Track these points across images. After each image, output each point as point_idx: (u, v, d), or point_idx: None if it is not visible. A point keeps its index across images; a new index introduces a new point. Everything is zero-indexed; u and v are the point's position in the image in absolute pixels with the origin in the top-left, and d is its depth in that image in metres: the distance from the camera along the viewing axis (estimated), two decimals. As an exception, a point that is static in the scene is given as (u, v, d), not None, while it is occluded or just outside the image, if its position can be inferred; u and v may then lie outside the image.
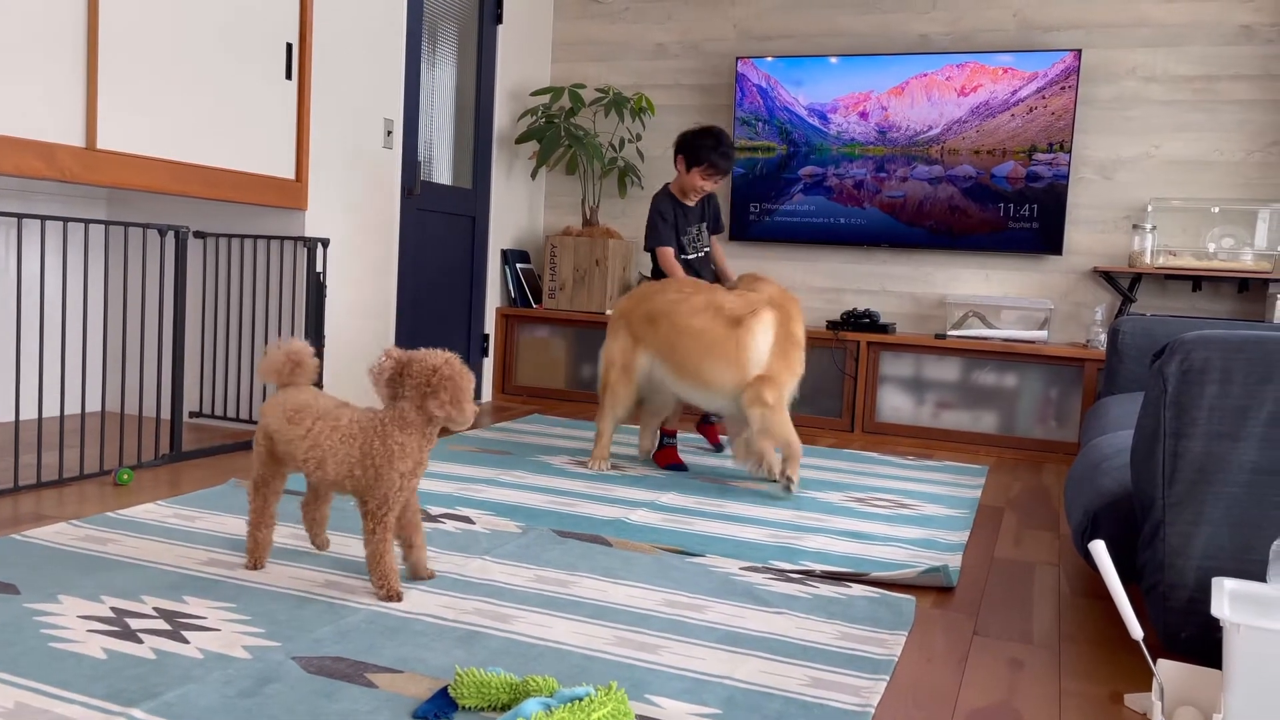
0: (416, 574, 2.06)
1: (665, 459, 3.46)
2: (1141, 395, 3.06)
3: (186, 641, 1.68)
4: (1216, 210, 4.16)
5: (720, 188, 3.68)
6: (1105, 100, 4.34)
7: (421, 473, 1.96)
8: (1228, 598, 1.48)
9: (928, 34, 4.59)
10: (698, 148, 3.46)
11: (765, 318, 3.20)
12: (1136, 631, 1.54)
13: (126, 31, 2.87)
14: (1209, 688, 1.55)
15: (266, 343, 3.64)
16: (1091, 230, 4.40)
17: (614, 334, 3.37)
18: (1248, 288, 4.18)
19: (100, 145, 2.82)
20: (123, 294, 3.06)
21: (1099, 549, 1.57)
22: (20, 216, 2.56)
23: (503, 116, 4.89)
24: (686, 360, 3.19)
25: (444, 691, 1.49)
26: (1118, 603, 1.54)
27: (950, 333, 4.33)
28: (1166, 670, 1.58)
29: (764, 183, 4.76)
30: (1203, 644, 1.74)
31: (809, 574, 2.25)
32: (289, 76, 3.48)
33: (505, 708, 1.47)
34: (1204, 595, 1.71)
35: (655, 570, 2.22)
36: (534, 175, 4.93)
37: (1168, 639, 1.77)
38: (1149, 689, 1.73)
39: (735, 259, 4.95)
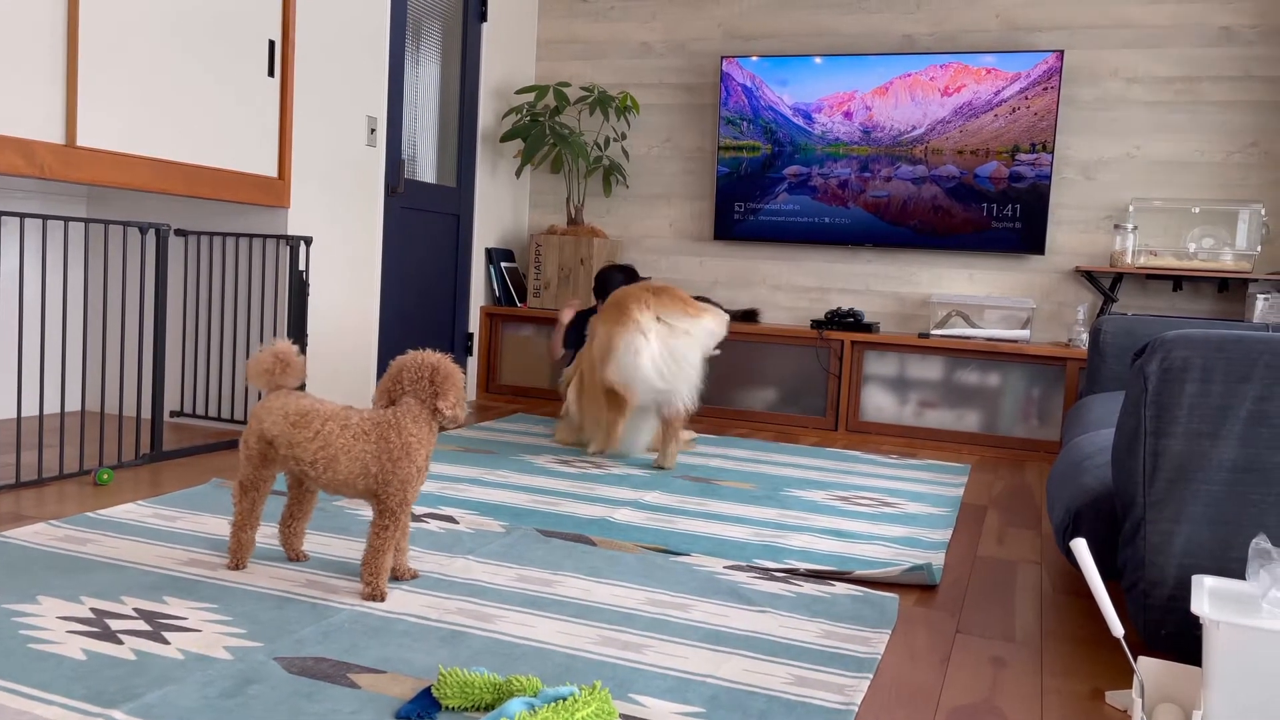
0: (395, 574, 2.06)
1: None
2: (1123, 394, 3.08)
3: (167, 642, 1.67)
4: (1197, 210, 4.19)
5: None
6: (1087, 101, 4.37)
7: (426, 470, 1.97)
8: (1207, 595, 1.49)
9: (912, 34, 4.60)
10: (601, 281, 3.94)
11: None
12: (1117, 629, 1.54)
13: (107, 27, 2.85)
14: (1189, 685, 1.57)
15: (249, 342, 3.62)
16: (1073, 230, 4.43)
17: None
18: (1227, 287, 4.21)
19: (80, 142, 2.79)
20: (103, 292, 3.03)
21: (1080, 547, 1.58)
22: (-2, 214, 2.54)
23: (487, 115, 4.88)
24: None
25: (427, 692, 1.49)
26: (1099, 600, 1.55)
27: (934, 332, 4.34)
28: (1147, 667, 1.59)
29: (748, 182, 4.76)
30: (1183, 641, 1.75)
31: (793, 572, 2.26)
32: (271, 74, 3.46)
33: (489, 708, 1.47)
34: (1184, 593, 1.72)
35: (639, 569, 2.22)
36: (518, 174, 4.92)
37: (1148, 636, 1.78)
38: (1130, 686, 1.74)
39: (720, 259, 4.96)
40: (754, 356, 4.53)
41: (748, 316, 4.75)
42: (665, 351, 3.28)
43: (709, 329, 3.39)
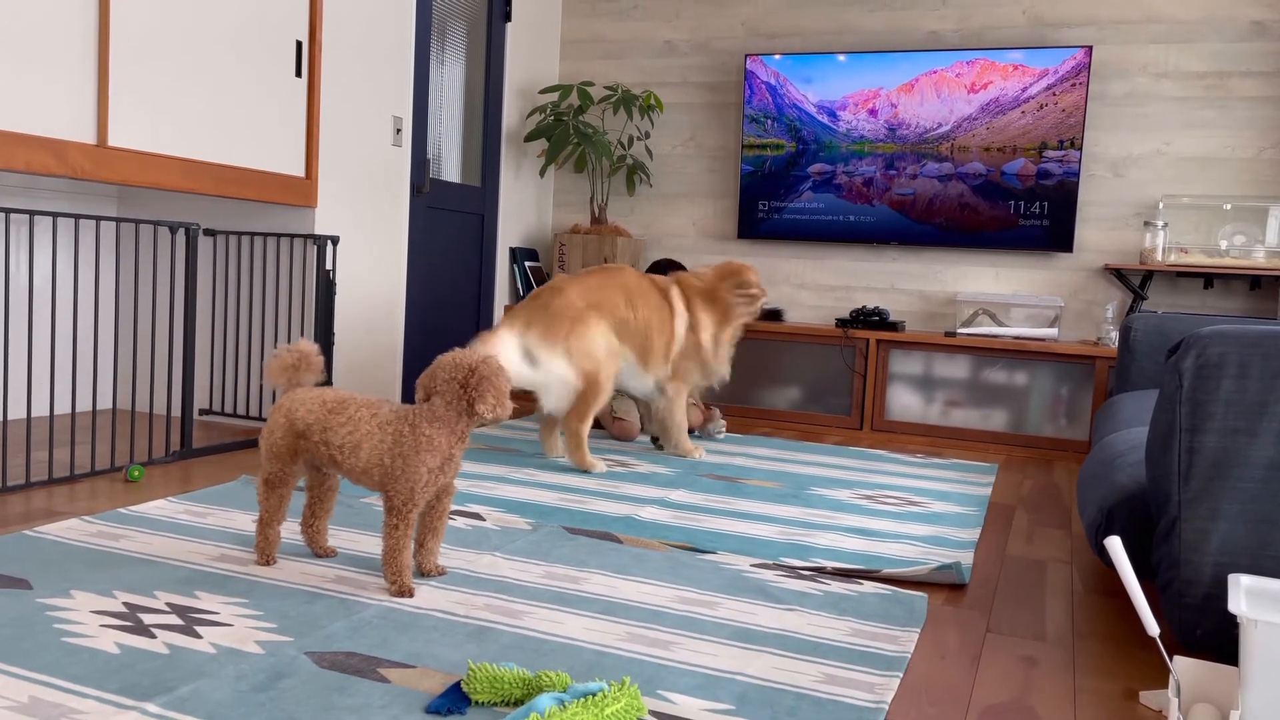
0: (422, 571, 2.06)
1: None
2: (1154, 393, 3.05)
3: (199, 636, 1.68)
4: (1228, 207, 4.14)
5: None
6: (1116, 97, 4.33)
7: (453, 471, 1.96)
8: (1244, 594, 1.47)
9: (938, 31, 4.57)
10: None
11: (678, 294, 3.55)
12: (1153, 628, 1.53)
13: (137, 29, 2.88)
14: (1226, 685, 1.54)
15: (277, 341, 3.64)
16: (1102, 227, 4.39)
17: (587, 330, 3.20)
18: (1259, 285, 4.16)
19: (111, 142, 2.82)
20: (133, 291, 3.07)
21: (1115, 545, 1.56)
22: (32, 213, 2.57)
23: (511, 114, 4.89)
24: (652, 340, 3.41)
25: (457, 686, 1.49)
26: (1134, 599, 1.53)
27: (960, 330, 4.31)
28: (1183, 667, 1.57)
29: (773, 180, 4.75)
30: (1219, 640, 1.73)
31: (820, 571, 2.25)
32: (299, 74, 3.48)
33: (518, 703, 1.47)
34: (1220, 591, 1.70)
35: (666, 567, 2.21)
36: (542, 173, 4.93)
37: (1183, 636, 1.76)
38: (1164, 686, 1.72)
39: (744, 257, 4.94)
40: (778, 355, 4.52)
41: (772, 315, 4.73)
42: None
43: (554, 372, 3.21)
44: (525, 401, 4.85)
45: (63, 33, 2.67)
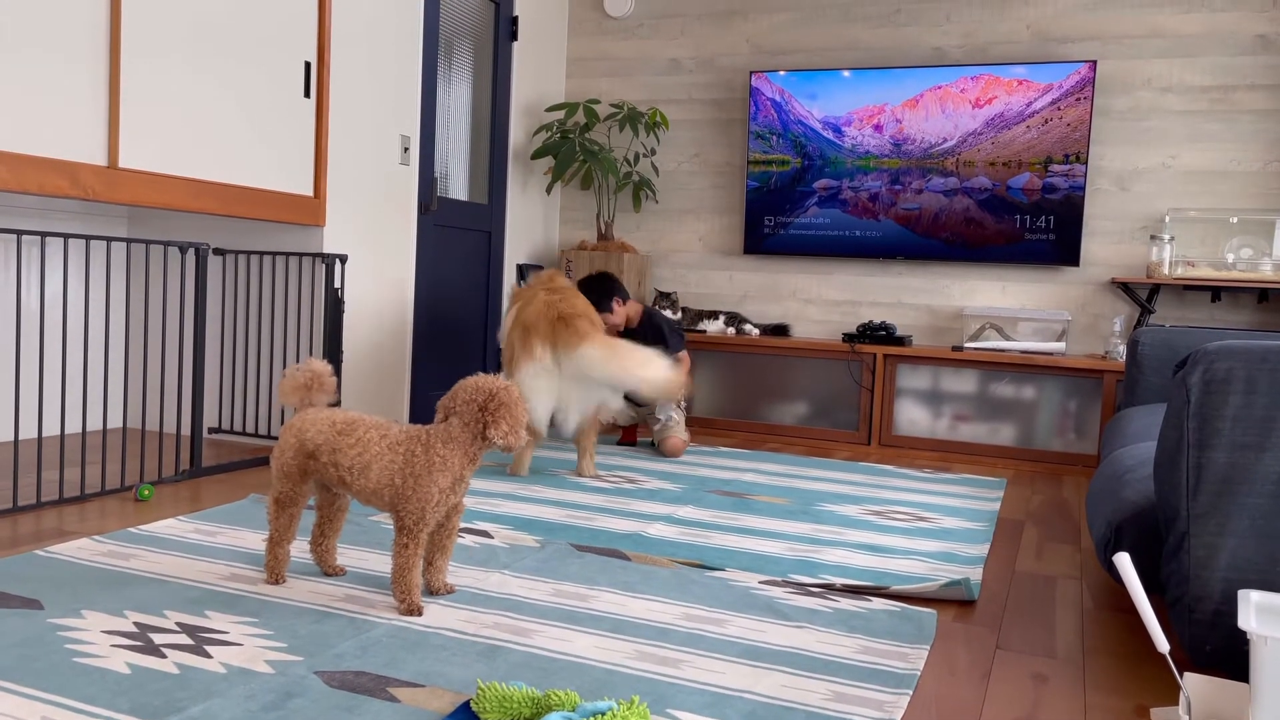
0: (431, 590, 2.07)
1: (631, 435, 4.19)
2: (1162, 407, 3.04)
3: (209, 656, 1.69)
4: (1234, 220, 4.14)
5: (630, 317, 3.93)
6: (1121, 111, 4.33)
7: (463, 490, 1.97)
8: (1254, 610, 1.47)
9: (942, 47, 4.59)
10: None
11: None
12: (1163, 644, 1.52)
13: (148, 51, 2.91)
14: (1236, 701, 1.54)
15: (286, 359, 3.66)
16: (1109, 241, 4.39)
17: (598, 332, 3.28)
18: (1267, 298, 4.15)
19: (122, 164, 2.85)
20: (144, 311, 3.09)
21: (1124, 561, 1.56)
22: (43, 235, 2.59)
23: (518, 132, 4.92)
24: None
25: (466, 706, 1.49)
26: (1143, 615, 1.53)
27: (967, 345, 4.31)
28: (1193, 684, 1.56)
29: (778, 196, 4.76)
30: (1229, 657, 1.72)
31: (829, 588, 2.24)
32: (307, 95, 3.51)
33: (527, 722, 1.47)
34: (1230, 608, 1.69)
35: (674, 584, 2.21)
36: (549, 190, 4.96)
37: (1193, 652, 1.76)
38: (1174, 703, 1.71)
39: (750, 273, 4.95)
40: (785, 370, 4.52)
41: (779, 331, 4.74)
42: (554, 393, 3.24)
43: (593, 360, 3.21)
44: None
45: (74, 56, 2.70)
